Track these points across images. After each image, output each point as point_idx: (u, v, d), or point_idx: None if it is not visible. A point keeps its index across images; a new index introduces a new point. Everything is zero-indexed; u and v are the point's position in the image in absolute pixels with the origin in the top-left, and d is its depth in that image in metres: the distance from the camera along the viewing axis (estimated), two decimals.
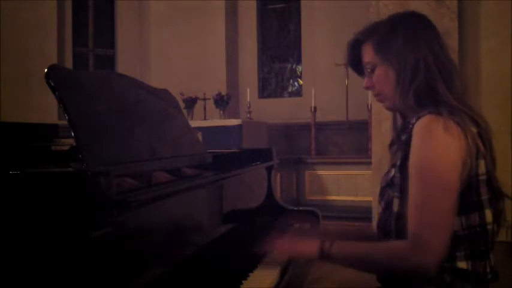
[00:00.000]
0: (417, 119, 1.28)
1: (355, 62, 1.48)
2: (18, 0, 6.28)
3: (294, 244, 1.41)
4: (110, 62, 7.63)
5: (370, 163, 4.70)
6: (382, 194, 1.40)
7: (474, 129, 1.26)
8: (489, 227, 1.27)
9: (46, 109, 5.73)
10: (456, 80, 1.33)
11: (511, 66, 4.18)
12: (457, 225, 1.25)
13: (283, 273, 1.44)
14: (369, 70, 1.42)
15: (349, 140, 6.65)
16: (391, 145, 1.45)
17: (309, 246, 1.36)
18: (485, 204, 1.27)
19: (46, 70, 1.20)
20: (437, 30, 1.39)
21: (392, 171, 1.35)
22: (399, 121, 1.45)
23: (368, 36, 1.42)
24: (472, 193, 1.25)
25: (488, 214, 1.27)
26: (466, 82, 1.37)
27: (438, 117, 1.24)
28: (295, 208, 2.13)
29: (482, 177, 1.26)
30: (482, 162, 1.25)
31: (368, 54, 1.41)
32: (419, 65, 1.32)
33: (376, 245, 1.31)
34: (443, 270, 1.23)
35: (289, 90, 7.79)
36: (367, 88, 1.44)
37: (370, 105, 5.44)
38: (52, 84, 1.19)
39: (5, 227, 0.94)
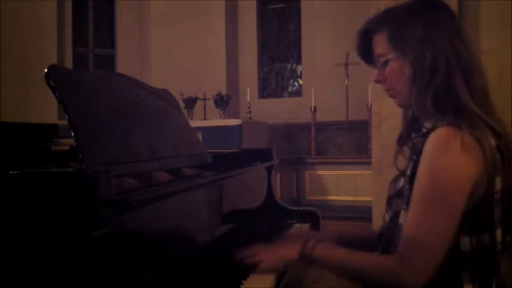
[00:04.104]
0: (433, 127, 1.18)
1: (365, 52, 1.34)
2: (18, 0, 6.27)
3: (274, 250, 1.34)
4: (110, 62, 7.62)
5: (370, 163, 4.68)
6: (389, 203, 1.32)
7: (493, 143, 1.16)
8: (498, 247, 1.20)
9: (46, 109, 5.72)
10: (478, 78, 1.21)
11: (511, 66, 4.18)
12: (466, 246, 1.18)
13: (282, 274, 1.43)
14: (381, 62, 1.29)
15: (349, 140, 6.65)
16: (399, 139, 1.34)
17: (289, 249, 1.30)
18: (497, 224, 1.19)
19: (46, 70, 1.20)
20: (458, 21, 1.26)
21: (402, 181, 1.27)
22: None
23: (381, 24, 1.28)
24: (484, 212, 1.17)
25: (499, 234, 1.19)
26: (486, 77, 1.24)
27: (456, 131, 1.14)
28: (295, 208, 2.13)
29: (497, 196, 1.18)
30: (498, 180, 1.17)
31: (381, 45, 1.28)
32: (440, 62, 1.19)
33: (361, 254, 1.24)
34: None
35: (289, 90, 7.79)
36: (378, 82, 1.31)
37: (370, 105, 5.43)
38: (52, 84, 1.19)
39: (5, 227, 0.94)
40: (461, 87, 1.19)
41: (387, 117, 4.19)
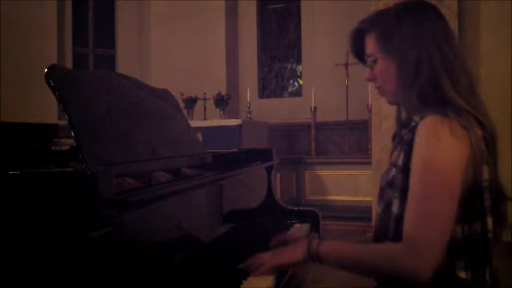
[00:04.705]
0: (421, 118, 1.22)
1: (358, 51, 1.41)
2: (18, 0, 6.27)
3: (279, 254, 1.34)
4: (110, 62, 7.63)
5: (370, 163, 4.70)
6: (381, 194, 1.35)
7: (479, 132, 1.21)
8: (490, 234, 1.23)
9: (46, 109, 5.73)
10: (463, 76, 1.26)
11: (511, 66, 4.18)
12: (458, 234, 1.20)
13: (283, 274, 1.43)
14: (370, 62, 1.35)
15: (349, 140, 6.65)
16: (394, 137, 1.38)
17: (295, 251, 1.30)
18: (487, 211, 1.23)
19: (46, 70, 1.20)
20: (446, 22, 1.31)
21: (393, 171, 1.31)
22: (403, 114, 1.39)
23: (371, 26, 1.35)
24: (475, 201, 1.21)
25: (490, 221, 1.23)
26: (474, 78, 1.29)
27: (444, 118, 1.18)
28: (295, 208, 2.13)
29: (485, 184, 1.22)
30: (485, 168, 1.21)
31: (370, 45, 1.34)
32: (423, 61, 1.25)
33: (368, 246, 1.26)
34: (443, 280, 1.18)
35: (289, 90, 7.80)
36: (369, 80, 1.38)
37: (370, 105, 5.44)
38: (52, 84, 1.19)
39: (5, 227, 0.94)
40: (447, 85, 1.24)
41: (387, 117, 4.20)
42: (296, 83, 7.73)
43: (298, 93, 7.65)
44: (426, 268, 1.13)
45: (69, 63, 7.10)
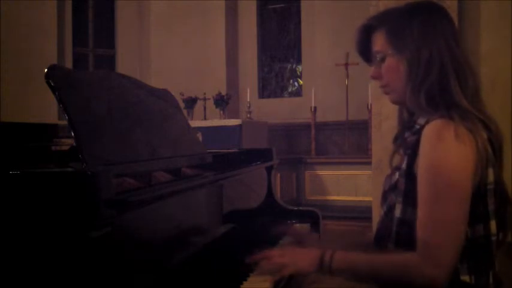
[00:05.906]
0: (426, 122, 1.21)
1: (364, 49, 1.38)
2: (18, 0, 6.27)
3: (291, 257, 1.31)
4: (110, 62, 7.62)
5: (370, 163, 4.69)
6: (384, 198, 1.34)
7: (485, 135, 1.20)
8: (493, 238, 1.23)
9: (46, 109, 5.73)
10: (470, 78, 1.25)
11: (511, 66, 4.18)
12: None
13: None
14: (378, 59, 1.33)
15: (349, 140, 6.65)
16: (395, 139, 1.37)
17: (306, 260, 1.28)
18: (491, 215, 1.22)
19: (46, 70, 1.20)
20: (454, 23, 1.31)
21: (396, 175, 1.29)
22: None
23: (381, 22, 1.32)
24: (479, 203, 1.20)
25: (493, 225, 1.22)
26: (479, 80, 1.29)
27: (449, 122, 1.17)
28: (295, 208, 2.13)
29: (490, 187, 1.21)
30: (491, 171, 1.20)
31: (379, 42, 1.32)
32: (434, 61, 1.23)
33: (381, 257, 1.25)
34: (447, 284, 1.17)
35: (289, 90, 7.79)
36: (374, 78, 1.35)
37: (370, 105, 5.44)
38: (52, 84, 1.19)
39: (5, 227, 0.94)
40: (454, 85, 1.23)
41: (387, 117, 4.20)
42: (296, 83, 7.73)
43: (298, 93, 7.64)
44: (443, 274, 1.14)
45: (69, 63, 7.10)
